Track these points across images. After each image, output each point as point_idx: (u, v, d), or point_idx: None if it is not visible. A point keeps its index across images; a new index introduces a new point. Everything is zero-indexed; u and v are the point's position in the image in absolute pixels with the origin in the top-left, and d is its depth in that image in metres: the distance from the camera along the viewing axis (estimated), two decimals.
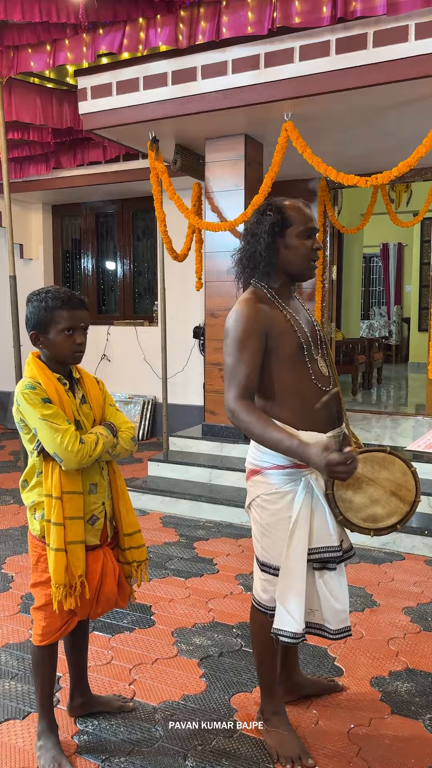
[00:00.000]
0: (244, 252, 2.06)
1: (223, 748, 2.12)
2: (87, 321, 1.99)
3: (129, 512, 2.10)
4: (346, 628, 2.07)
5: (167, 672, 2.58)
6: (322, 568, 2.04)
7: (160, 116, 4.49)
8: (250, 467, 2.06)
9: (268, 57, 4.04)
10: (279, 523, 1.99)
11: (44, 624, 1.98)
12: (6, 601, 3.23)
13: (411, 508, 1.97)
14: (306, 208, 2.04)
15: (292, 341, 1.97)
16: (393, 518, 1.98)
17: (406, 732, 2.20)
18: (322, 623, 2.07)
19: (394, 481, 1.97)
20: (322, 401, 1.94)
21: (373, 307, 13.27)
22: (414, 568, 3.63)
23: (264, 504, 2.02)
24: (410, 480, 1.97)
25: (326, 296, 6.27)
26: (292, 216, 2.00)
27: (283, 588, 1.98)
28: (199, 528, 4.33)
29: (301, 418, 1.96)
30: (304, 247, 2.01)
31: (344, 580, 2.10)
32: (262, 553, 2.06)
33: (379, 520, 1.98)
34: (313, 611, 2.06)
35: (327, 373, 2.06)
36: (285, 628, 1.97)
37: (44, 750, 2.04)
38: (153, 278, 7.50)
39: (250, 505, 2.08)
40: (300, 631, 1.96)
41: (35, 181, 6.98)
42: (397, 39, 3.66)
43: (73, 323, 1.93)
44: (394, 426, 5.76)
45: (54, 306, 1.92)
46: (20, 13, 3.96)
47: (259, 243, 2.00)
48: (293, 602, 1.96)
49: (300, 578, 1.96)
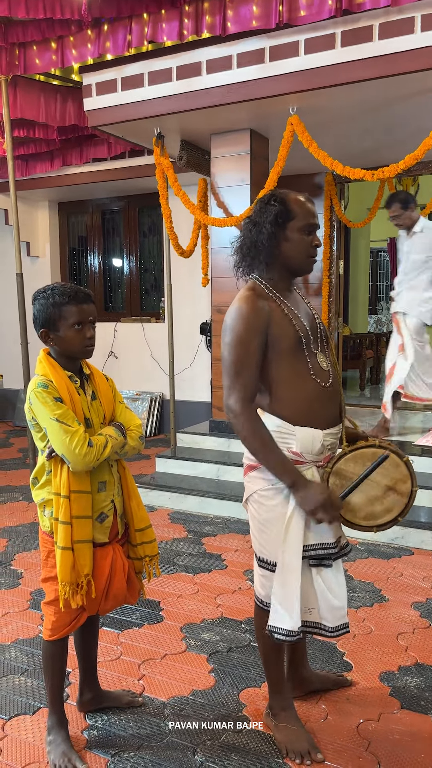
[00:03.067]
0: (245, 241, 2.02)
1: (232, 743, 2.12)
2: (95, 314, 2.00)
3: (140, 507, 2.11)
4: (344, 625, 2.06)
5: (176, 667, 2.59)
6: (319, 565, 2.03)
7: (165, 112, 4.48)
8: (248, 463, 2.05)
9: (273, 51, 4.02)
10: (275, 519, 1.98)
11: (54, 619, 1.99)
12: (16, 597, 3.25)
13: (409, 500, 1.95)
14: (309, 204, 2.00)
15: (290, 335, 1.94)
16: (393, 512, 1.97)
17: (415, 727, 2.20)
18: (320, 621, 2.06)
19: (388, 476, 1.94)
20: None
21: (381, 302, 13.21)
22: (423, 563, 3.62)
23: (261, 500, 2.01)
24: (404, 471, 1.94)
25: (333, 291, 6.25)
26: (295, 209, 1.96)
27: (278, 584, 1.97)
28: (207, 524, 4.33)
29: (298, 414, 1.94)
30: (303, 243, 1.98)
31: (341, 577, 2.09)
32: (260, 549, 2.06)
33: (379, 517, 1.97)
34: (310, 610, 2.05)
35: (327, 368, 2.02)
36: (280, 625, 1.96)
37: (54, 745, 2.05)
38: (159, 275, 7.49)
39: (248, 500, 2.07)
40: (295, 628, 1.94)
41: (41, 179, 6.99)
42: (402, 31, 3.63)
43: (81, 317, 1.94)
44: (402, 421, 5.73)
45: (61, 302, 1.92)
46: (24, 10, 3.97)
47: (261, 233, 1.96)
48: (289, 599, 1.95)
49: (295, 574, 1.95)
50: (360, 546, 3.85)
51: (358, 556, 3.70)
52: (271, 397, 1.97)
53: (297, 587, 1.95)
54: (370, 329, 11.77)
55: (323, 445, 1.96)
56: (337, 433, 2.03)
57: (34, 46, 4.50)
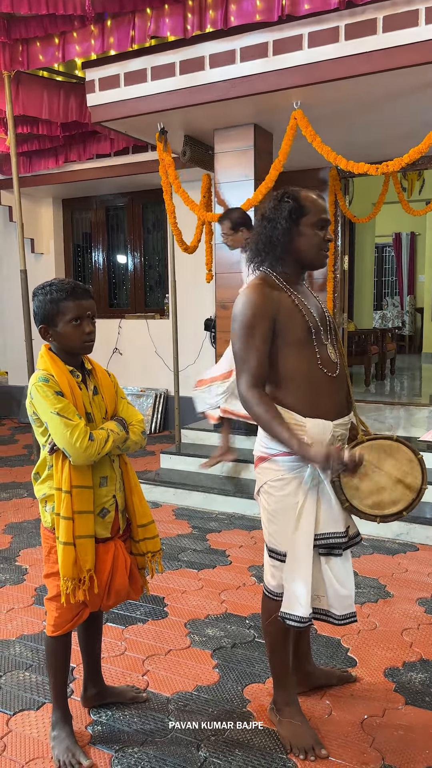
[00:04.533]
0: (261, 237, 2.07)
1: (237, 738, 2.12)
2: (93, 309, 1.99)
3: (142, 503, 2.11)
4: (351, 614, 2.09)
5: (180, 663, 2.59)
6: (328, 554, 2.06)
7: (169, 107, 4.47)
8: (259, 454, 2.08)
9: (277, 44, 4.00)
10: (286, 509, 2.00)
11: (56, 615, 1.99)
12: (20, 593, 3.26)
13: (417, 496, 1.99)
14: (321, 200, 2.07)
15: (300, 324, 1.98)
16: (399, 505, 2.00)
17: (420, 722, 2.19)
18: (328, 609, 2.09)
19: (400, 469, 1.98)
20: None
21: (386, 298, 13.17)
22: (428, 558, 3.61)
23: (271, 490, 2.03)
24: (416, 467, 1.99)
25: (338, 286, 6.23)
26: (307, 205, 2.02)
27: (290, 572, 2.00)
28: (211, 520, 4.33)
29: (307, 404, 1.97)
30: (316, 237, 2.03)
31: (350, 566, 2.12)
32: (270, 539, 2.08)
33: (385, 507, 2.00)
34: (319, 597, 2.08)
35: (335, 359, 2.05)
36: (292, 612, 1.99)
37: (58, 740, 2.05)
38: (164, 271, 7.48)
39: (259, 491, 2.10)
40: (306, 615, 1.98)
41: (45, 176, 6.98)
42: (406, 24, 3.61)
43: (79, 312, 1.93)
44: (408, 416, 5.72)
45: (59, 298, 1.92)
46: (27, 6, 3.96)
47: (276, 228, 2.01)
48: (300, 586, 1.98)
49: (306, 563, 1.98)
50: (365, 542, 3.83)
51: (362, 551, 3.69)
52: (281, 389, 1.99)
53: (308, 576, 1.98)
54: (375, 325, 11.74)
55: (333, 435, 1.98)
56: (346, 424, 2.05)
57: (37, 42, 4.49)
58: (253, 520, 4.28)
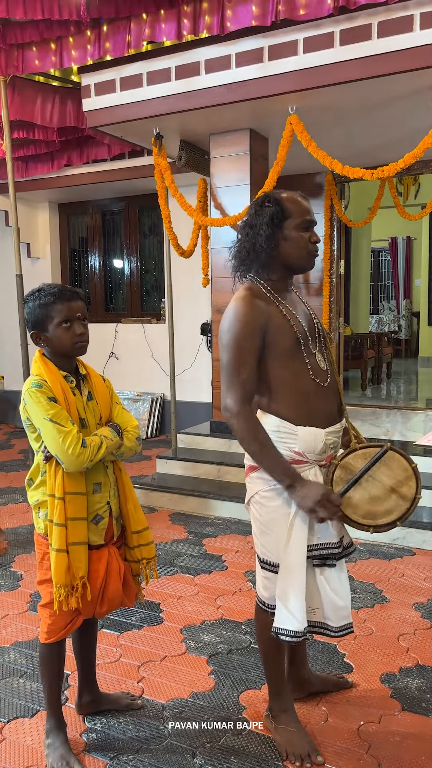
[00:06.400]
0: (243, 244, 2.03)
1: (232, 745, 2.10)
2: (83, 311, 1.97)
3: (137, 509, 2.09)
4: (348, 625, 2.05)
5: (176, 669, 2.57)
6: (322, 565, 2.02)
7: (164, 112, 4.47)
8: (249, 463, 2.04)
9: (272, 50, 4.01)
10: (277, 519, 1.97)
11: (50, 622, 1.98)
12: (15, 599, 3.24)
13: (411, 505, 1.94)
14: (304, 201, 2.02)
15: (288, 335, 1.94)
16: (393, 515, 1.94)
17: (416, 729, 2.18)
18: (324, 621, 2.05)
19: (394, 478, 1.93)
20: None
21: (382, 302, 13.18)
22: (424, 563, 3.60)
23: (262, 501, 2.00)
24: (411, 476, 1.94)
25: (334, 291, 6.23)
26: (290, 208, 1.98)
27: (283, 586, 1.96)
28: (207, 525, 4.32)
29: (298, 413, 1.93)
30: (302, 240, 1.98)
31: (345, 576, 2.08)
32: (262, 550, 2.04)
33: (378, 517, 1.95)
34: (314, 610, 2.04)
35: (325, 367, 2.02)
36: (285, 627, 1.95)
37: (52, 748, 2.04)
38: (160, 275, 7.48)
39: (249, 501, 2.07)
40: (301, 629, 1.94)
41: (41, 180, 6.98)
42: (401, 29, 3.62)
43: (68, 315, 1.93)
44: (404, 421, 5.72)
45: (47, 302, 1.92)
46: (23, 11, 3.95)
47: (258, 235, 1.97)
48: (294, 600, 1.94)
49: (300, 575, 1.94)
50: (361, 546, 3.83)
51: (359, 556, 3.68)
52: (271, 398, 1.96)
53: (302, 588, 1.94)
54: (372, 329, 11.75)
55: (325, 443, 1.95)
56: (338, 432, 2.02)
57: (33, 47, 4.49)
58: (249, 525, 4.24)
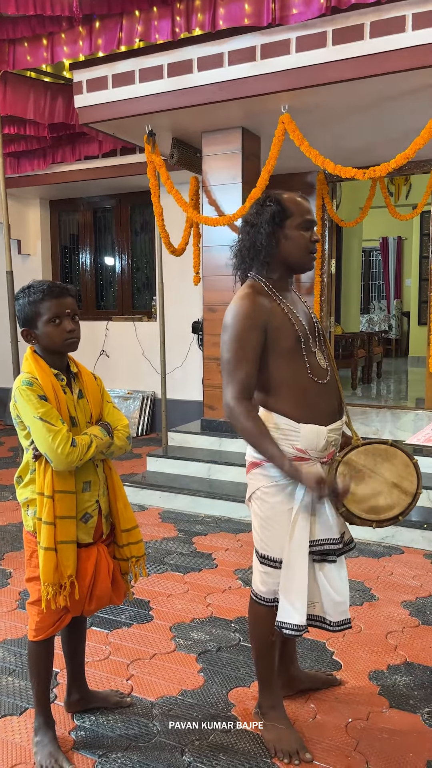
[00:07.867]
0: (244, 243, 2.05)
1: (221, 743, 2.11)
2: (73, 307, 1.96)
3: (126, 508, 2.09)
4: (346, 620, 2.08)
5: (165, 667, 2.57)
6: (322, 561, 2.05)
7: (156, 109, 4.47)
8: (251, 460, 2.06)
9: (265, 48, 4.01)
10: (279, 515, 1.99)
11: (38, 619, 1.98)
12: (4, 597, 3.23)
13: (413, 500, 1.99)
14: (304, 201, 2.05)
15: (289, 334, 1.96)
16: (395, 510, 1.99)
17: (404, 726, 2.20)
18: (323, 615, 2.07)
19: (396, 473, 1.98)
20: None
21: (373, 301, 13.23)
22: (413, 561, 3.62)
23: (264, 497, 2.02)
24: (412, 472, 1.99)
25: (325, 290, 6.24)
26: (291, 207, 2.00)
27: (285, 581, 1.99)
28: (197, 523, 4.32)
29: (301, 411, 1.95)
30: (302, 239, 2.01)
31: (344, 573, 2.11)
32: (262, 545, 2.06)
33: (381, 512, 1.99)
34: (313, 603, 2.06)
35: (325, 366, 2.05)
36: (288, 621, 1.98)
37: (41, 746, 2.03)
38: (151, 273, 7.46)
39: (251, 497, 2.08)
40: (303, 623, 1.98)
41: (32, 176, 6.95)
42: (393, 29, 3.63)
43: (58, 311, 1.92)
44: (394, 420, 5.75)
45: (36, 299, 1.91)
46: (14, 6, 3.94)
47: (259, 233, 1.99)
48: (296, 594, 1.97)
49: (302, 570, 1.97)
50: None
51: (348, 554, 3.68)
52: (272, 396, 1.98)
53: (304, 583, 1.97)
54: (362, 328, 11.79)
55: (327, 441, 1.98)
56: (339, 429, 2.04)
57: (25, 42, 4.47)
58: (239, 523, 4.28)
